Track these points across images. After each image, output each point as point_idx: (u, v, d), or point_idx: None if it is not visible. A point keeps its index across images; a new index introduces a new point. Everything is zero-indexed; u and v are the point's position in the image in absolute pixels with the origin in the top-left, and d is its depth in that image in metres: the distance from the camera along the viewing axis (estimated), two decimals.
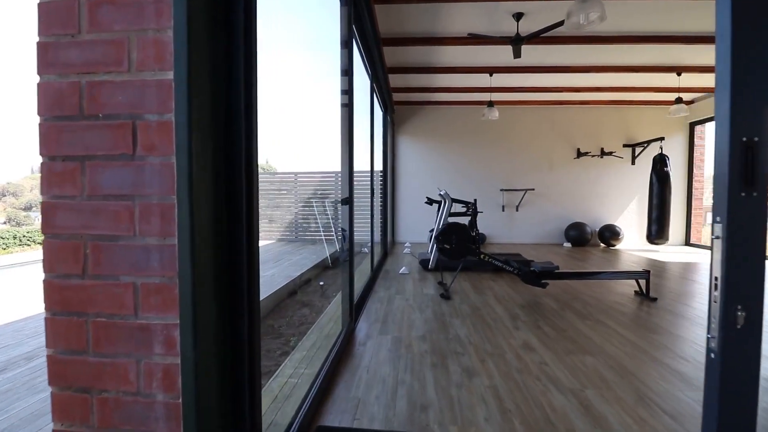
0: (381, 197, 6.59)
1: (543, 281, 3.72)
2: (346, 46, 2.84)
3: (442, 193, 4.81)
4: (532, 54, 5.23)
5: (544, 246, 7.67)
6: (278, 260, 5.63)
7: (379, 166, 6.48)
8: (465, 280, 4.55)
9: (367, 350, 2.45)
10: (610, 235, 7.66)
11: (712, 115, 7.15)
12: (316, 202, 7.48)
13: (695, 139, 7.88)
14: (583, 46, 4.90)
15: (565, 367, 2.21)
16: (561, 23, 3.57)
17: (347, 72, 2.82)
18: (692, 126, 7.86)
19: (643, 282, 3.81)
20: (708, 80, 6.41)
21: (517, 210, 8.11)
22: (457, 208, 5.22)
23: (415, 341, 2.59)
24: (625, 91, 6.84)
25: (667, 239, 7.39)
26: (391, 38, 4.72)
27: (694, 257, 6.44)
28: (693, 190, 7.97)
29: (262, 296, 3.85)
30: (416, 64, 5.68)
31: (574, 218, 8.09)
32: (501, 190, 8.07)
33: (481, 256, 3.83)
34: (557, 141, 8.08)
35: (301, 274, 4.72)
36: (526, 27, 4.27)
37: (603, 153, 7.98)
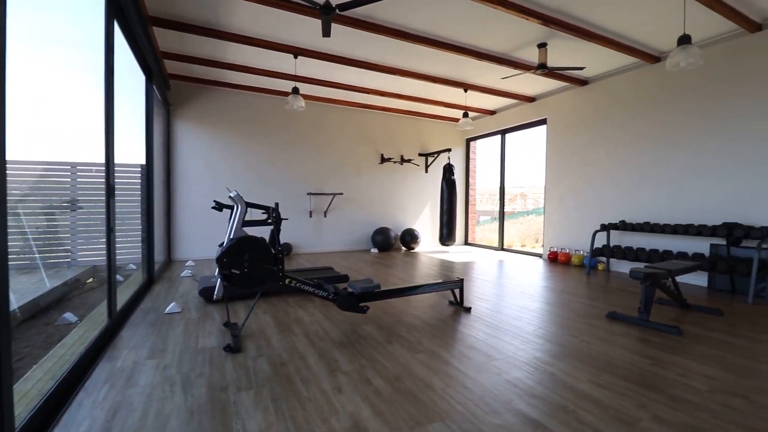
0: (144, 200, 4.70)
1: (363, 305, 3.00)
2: None
3: (232, 195, 3.55)
4: (341, 40, 4.59)
5: (354, 253, 7.29)
6: None
7: (135, 156, 4.58)
8: (265, 310, 3.42)
9: None
10: (410, 238, 7.94)
11: (485, 133, 8.33)
12: (23, 207, 4.73)
13: (470, 153, 9.12)
14: (391, 41, 4.56)
15: None
16: None
17: None
18: (468, 141, 9.07)
19: (457, 291, 3.63)
20: (486, 102, 7.35)
21: (325, 216, 7.48)
22: (256, 214, 4.05)
23: None
24: (421, 101, 7.14)
25: (454, 241, 8.20)
26: None
27: (473, 256, 7.23)
28: (469, 197, 9.20)
29: None
30: (196, 21, 4.18)
31: (380, 223, 8.08)
32: (308, 193, 7.27)
33: (287, 281, 2.81)
34: (363, 145, 7.89)
35: None
36: None
37: (403, 160, 8.28)
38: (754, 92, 4.16)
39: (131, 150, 4.49)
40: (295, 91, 5.08)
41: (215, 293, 3.52)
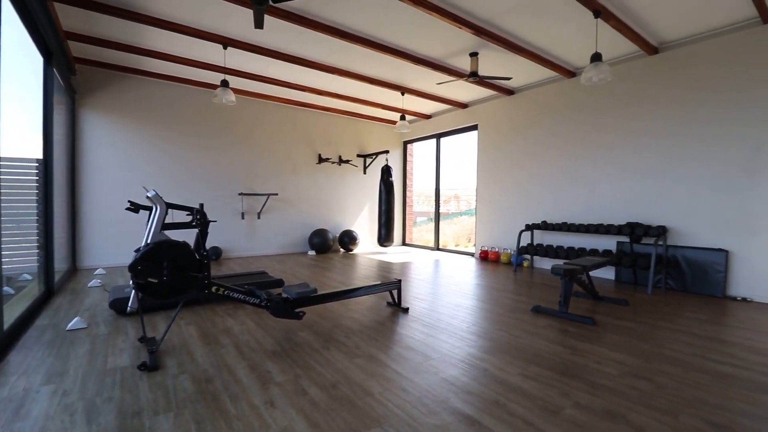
0: (41, 200, 4.08)
1: (298, 311, 2.88)
2: None
3: (150, 195, 3.21)
4: (276, 34, 4.40)
5: (290, 256, 7.04)
6: None
7: (29, 150, 3.97)
8: (189, 321, 3.14)
9: None
10: (348, 240, 7.87)
11: (421, 136, 8.54)
12: None
13: (407, 156, 9.29)
14: (329, 39, 4.47)
15: None
16: None
17: None
18: (405, 144, 9.23)
19: (395, 292, 3.65)
20: (422, 106, 7.52)
21: (259, 217, 7.12)
22: (180, 216, 3.71)
23: None
24: (360, 102, 7.12)
25: (392, 241, 8.29)
26: None
27: (410, 256, 7.37)
28: (406, 198, 9.37)
29: None
30: None
31: (318, 225, 7.90)
32: (240, 194, 6.88)
33: (213, 289, 2.59)
34: (300, 144, 7.66)
35: None
36: None
37: (341, 161, 8.19)
38: (653, 109, 4.75)
39: (24, 142, 3.87)
40: (225, 84, 4.76)
41: (129, 305, 3.16)
